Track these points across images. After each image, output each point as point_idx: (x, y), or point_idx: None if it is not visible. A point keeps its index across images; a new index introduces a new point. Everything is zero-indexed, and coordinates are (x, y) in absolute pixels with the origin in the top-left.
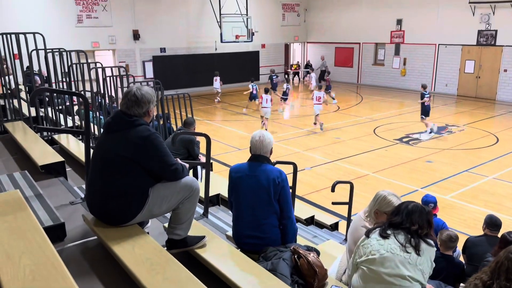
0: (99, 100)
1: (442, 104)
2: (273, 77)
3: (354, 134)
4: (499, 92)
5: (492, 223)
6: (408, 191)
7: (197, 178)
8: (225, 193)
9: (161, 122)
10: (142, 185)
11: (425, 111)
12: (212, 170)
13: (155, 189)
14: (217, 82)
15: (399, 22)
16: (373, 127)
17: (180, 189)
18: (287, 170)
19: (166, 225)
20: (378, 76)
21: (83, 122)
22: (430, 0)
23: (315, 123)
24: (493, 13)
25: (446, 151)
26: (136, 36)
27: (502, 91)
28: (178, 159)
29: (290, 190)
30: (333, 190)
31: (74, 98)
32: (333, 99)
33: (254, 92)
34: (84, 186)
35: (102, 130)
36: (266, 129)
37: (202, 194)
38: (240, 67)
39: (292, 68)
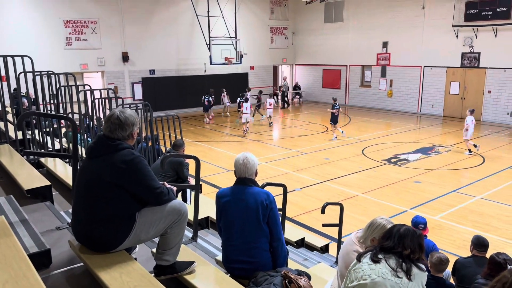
0: (87, 122)
1: (428, 125)
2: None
3: (343, 154)
4: (484, 113)
5: (479, 243)
6: (397, 212)
7: (186, 200)
8: (214, 215)
9: (150, 144)
10: (128, 210)
11: (334, 119)
12: (201, 192)
13: (142, 214)
14: (225, 98)
15: (384, 45)
16: (361, 147)
17: (168, 213)
18: (277, 191)
19: (154, 250)
20: (365, 98)
21: (71, 145)
22: (415, 24)
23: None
24: (476, 36)
25: (434, 171)
26: (125, 58)
27: (487, 112)
28: (166, 183)
29: (280, 212)
30: (323, 211)
31: (62, 120)
32: (262, 115)
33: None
34: (71, 211)
35: (85, 155)
36: (245, 130)
37: (191, 217)
38: (229, 89)
39: (280, 90)
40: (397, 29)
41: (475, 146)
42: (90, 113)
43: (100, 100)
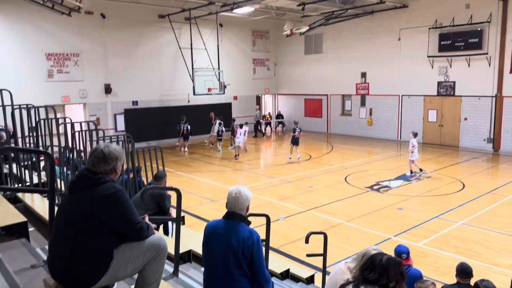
0: (68, 156)
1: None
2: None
3: (326, 182)
4: (461, 140)
5: (463, 271)
6: (381, 239)
7: (168, 233)
8: (197, 249)
9: (131, 176)
10: (106, 246)
11: (295, 141)
12: (184, 224)
13: (120, 250)
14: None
15: (363, 75)
16: (344, 175)
17: (147, 249)
18: (261, 222)
19: (133, 287)
20: (347, 126)
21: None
22: (391, 54)
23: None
24: (450, 66)
25: (416, 198)
26: (108, 89)
27: (465, 139)
28: (146, 216)
29: (264, 250)
30: (307, 241)
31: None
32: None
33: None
34: (47, 247)
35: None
36: (237, 155)
37: (172, 250)
38: (212, 118)
39: (264, 119)
40: (375, 60)
41: (421, 170)
42: (70, 146)
43: (80, 132)
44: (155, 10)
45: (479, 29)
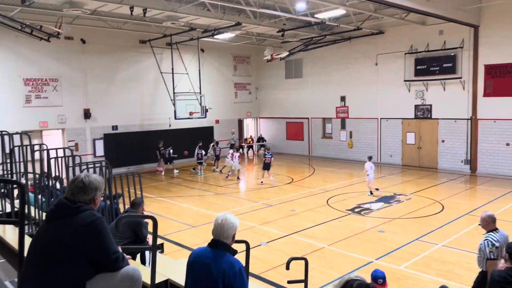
0: (43, 183)
1: (388, 174)
2: (216, 148)
3: (308, 206)
4: (439, 161)
5: None
6: (363, 263)
7: (145, 263)
8: (175, 278)
9: (108, 203)
10: (79, 278)
11: (266, 166)
12: (163, 252)
13: (93, 282)
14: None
15: (342, 98)
16: (326, 198)
17: (121, 280)
18: (241, 248)
19: None
20: (328, 148)
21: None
22: (369, 79)
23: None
24: (426, 90)
25: (396, 220)
26: (87, 114)
27: (442, 160)
28: (120, 248)
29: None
30: (287, 267)
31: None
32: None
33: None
34: (17, 280)
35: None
36: (228, 175)
37: (148, 280)
38: (194, 143)
39: (246, 142)
40: (353, 84)
41: (377, 189)
42: (46, 173)
43: (56, 159)
44: (136, 35)
45: (452, 54)
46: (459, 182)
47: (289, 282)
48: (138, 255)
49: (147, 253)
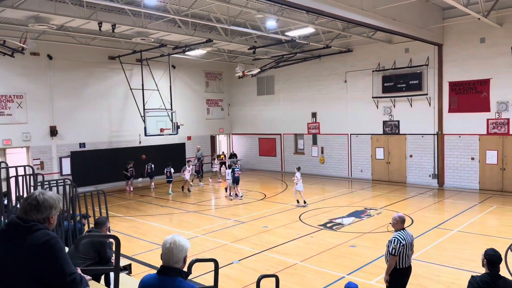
0: (2, 203)
1: (359, 188)
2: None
3: (281, 222)
4: (408, 176)
5: None
6: (335, 279)
7: (109, 284)
8: None
9: (72, 222)
10: None
11: (235, 180)
12: (130, 274)
13: None
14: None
15: (314, 115)
16: (298, 213)
17: None
18: (210, 267)
19: None
20: (300, 164)
21: None
22: (339, 95)
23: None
24: (394, 106)
25: (368, 234)
26: (53, 132)
27: (411, 175)
28: (78, 269)
29: None
30: (258, 286)
31: None
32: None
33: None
34: None
35: None
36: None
37: None
38: (166, 159)
39: (219, 158)
40: (324, 101)
41: (304, 202)
42: (7, 192)
43: (16, 177)
44: (105, 51)
45: (418, 71)
46: (427, 196)
47: None
48: (103, 277)
49: (111, 274)
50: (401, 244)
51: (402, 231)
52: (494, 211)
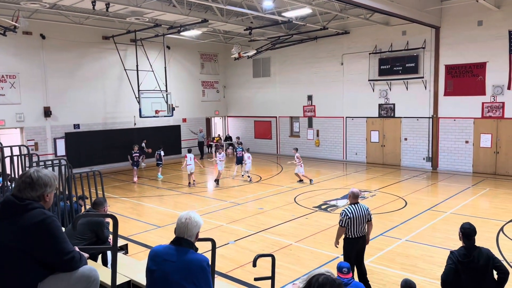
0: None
1: (354, 171)
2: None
3: (276, 203)
4: (402, 159)
5: (407, 286)
6: (329, 259)
7: (106, 264)
8: (138, 279)
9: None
10: (30, 281)
11: (238, 160)
12: (127, 253)
13: (45, 284)
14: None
15: (309, 97)
16: (293, 195)
17: (76, 281)
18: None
19: None
20: (295, 147)
21: None
22: (335, 78)
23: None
24: (390, 89)
25: None
26: (47, 113)
27: (405, 158)
28: (77, 248)
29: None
30: (254, 265)
31: None
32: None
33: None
34: None
35: None
36: (194, 182)
37: (109, 281)
38: (161, 142)
39: (214, 141)
40: (320, 83)
41: (311, 180)
42: (1, 172)
43: (11, 157)
44: (98, 31)
45: (415, 54)
46: (421, 179)
47: (255, 279)
48: (100, 256)
49: (108, 253)
50: (348, 216)
51: (353, 205)
52: (487, 194)
